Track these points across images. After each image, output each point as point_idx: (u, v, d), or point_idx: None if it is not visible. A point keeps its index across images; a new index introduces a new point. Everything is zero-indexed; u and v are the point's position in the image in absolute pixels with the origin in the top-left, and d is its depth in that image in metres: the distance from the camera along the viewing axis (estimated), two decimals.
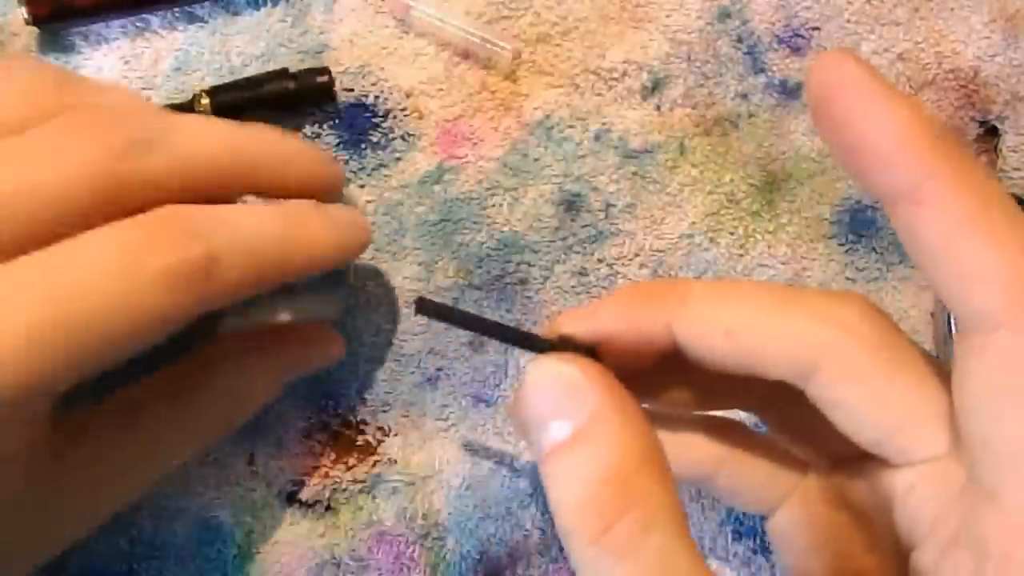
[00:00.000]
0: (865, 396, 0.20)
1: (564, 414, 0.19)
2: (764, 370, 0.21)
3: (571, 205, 0.32)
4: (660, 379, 0.24)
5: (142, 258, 0.20)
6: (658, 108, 0.32)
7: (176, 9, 0.31)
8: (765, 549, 0.31)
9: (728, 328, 0.21)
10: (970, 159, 0.18)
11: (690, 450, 0.25)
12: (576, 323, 0.22)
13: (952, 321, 0.31)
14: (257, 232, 0.22)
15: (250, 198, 0.24)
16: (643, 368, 0.22)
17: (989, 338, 0.17)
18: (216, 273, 0.21)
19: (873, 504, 0.22)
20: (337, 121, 0.32)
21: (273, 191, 0.25)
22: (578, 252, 0.32)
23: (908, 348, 0.20)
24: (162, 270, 0.20)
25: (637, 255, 0.32)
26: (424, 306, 0.22)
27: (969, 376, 0.18)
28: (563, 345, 0.22)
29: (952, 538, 0.18)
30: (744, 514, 0.31)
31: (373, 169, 0.31)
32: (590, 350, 0.22)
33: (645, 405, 0.25)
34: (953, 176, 0.18)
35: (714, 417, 0.25)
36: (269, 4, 0.32)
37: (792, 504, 0.24)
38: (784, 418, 0.25)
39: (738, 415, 0.26)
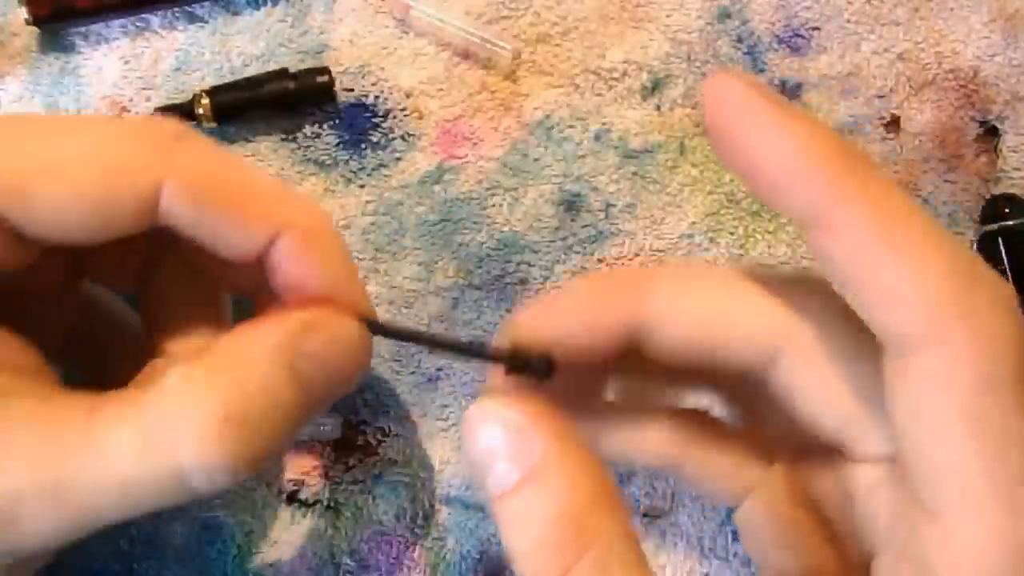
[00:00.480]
0: (824, 382, 0.20)
1: (510, 458, 0.19)
2: (727, 360, 0.21)
3: (571, 205, 0.32)
4: (617, 371, 0.24)
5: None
6: (658, 108, 0.32)
7: (176, 9, 0.31)
8: None
9: (690, 322, 0.21)
10: (874, 176, 0.18)
11: (655, 439, 0.24)
12: (531, 326, 0.22)
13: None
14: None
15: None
16: (600, 362, 0.22)
17: (912, 360, 0.17)
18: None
19: (836, 502, 0.22)
20: (337, 121, 0.32)
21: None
22: (578, 252, 0.32)
23: (871, 336, 0.20)
24: None
25: (637, 255, 0.32)
26: (373, 328, 0.23)
27: (897, 399, 0.18)
28: (516, 356, 0.21)
29: (901, 550, 0.18)
30: None
31: (373, 169, 0.31)
32: (544, 358, 0.21)
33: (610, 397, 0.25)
34: (856, 197, 0.17)
35: (679, 407, 0.25)
36: (269, 4, 0.32)
37: (757, 497, 0.24)
38: (745, 409, 0.25)
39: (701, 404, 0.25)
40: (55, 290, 0.25)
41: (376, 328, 0.23)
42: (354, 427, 0.31)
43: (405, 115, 0.32)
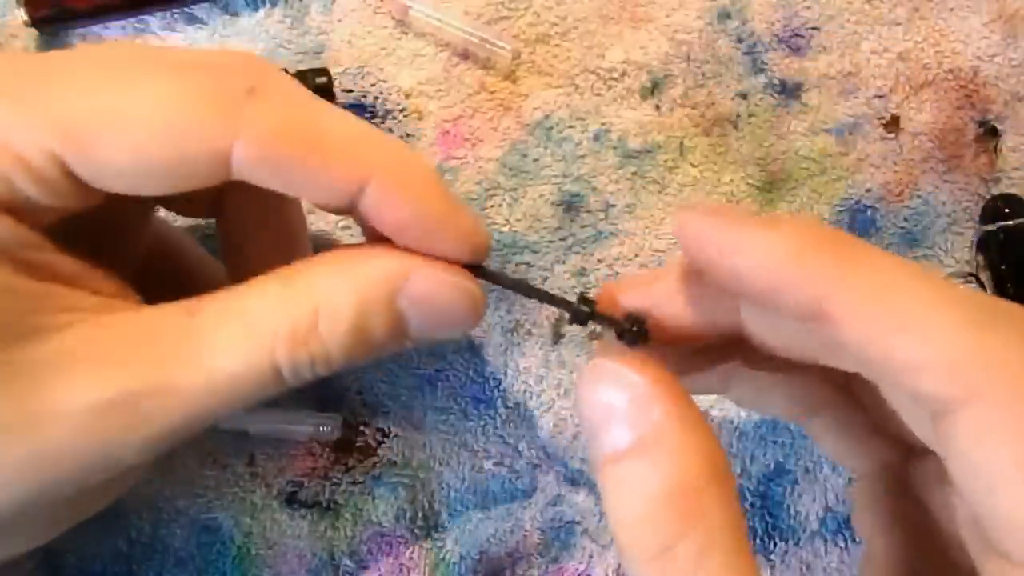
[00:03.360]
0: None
1: (627, 422, 0.19)
2: (854, 363, 0.20)
3: (571, 205, 0.32)
4: (710, 355, 0.24)
5: None
6: (658, 108, 0.32)
7: (175, 10, 0.31)
8: (765, 549, 0.31)
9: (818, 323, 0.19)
10: (861, 254, 0.17)
11: (790, 388, 0.24)
12: (633, 296, 0.21)
13: None
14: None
15: None
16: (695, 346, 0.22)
17: (954, 420, 0.17)
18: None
19: (946, 512, 0.21)
20: None
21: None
22: (578, 252, 0.32)
23: None
24: None
25: (637, 255, 0.32)
26: (479, 273, 0.23)
27: (952, 458, 0.17)
28: (613, 320, 0.21)
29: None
30: (746, 514, 0.31)
31: None
32: (640, 326, 0.21)
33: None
34: (850, 283, 0.17)
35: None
36: (268, 5, 0.32)
37: (873, 477, 0.23)
38: (844, 413, 0.24)
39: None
40: (123, 225, 0.25)
41: (483, 274, 0.23)
42: (354, 428, 0.31)
43: (404, 116, 0.32)
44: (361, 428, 0.31)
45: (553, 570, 0.31)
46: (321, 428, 0.30)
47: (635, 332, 0.21)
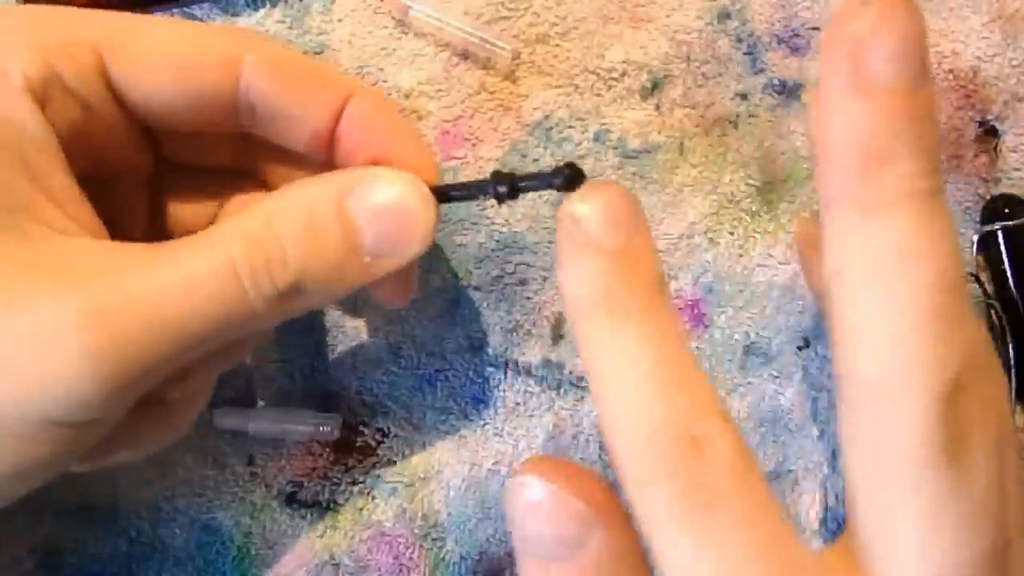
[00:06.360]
0: None
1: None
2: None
3: None
4: None
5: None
6: (658, 108, 0.32)
7: (175, 10, 0.31)
8: None
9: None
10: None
11: None
12: None
13: None
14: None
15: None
16: None
17: None
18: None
19: None
20: None
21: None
22: None
23: None
24: None
25: None
26: (438, 193, 0.24)
27: None
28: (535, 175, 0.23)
29: None
30: None
31: None
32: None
33: None
34: None
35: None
36: (268, 5, 0.32)
37: None
38: None
39: None
40: (134, 188, 0.26)
41: (442, 193, 0.24)
42: (353, 428, 0.31)
43: (404, 116, 0.32)
44: (361, 428, 0.31)
45: None
46: (321, 428, 0.30)
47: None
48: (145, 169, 0.26)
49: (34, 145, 0.21)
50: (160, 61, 0.23)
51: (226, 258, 0.20)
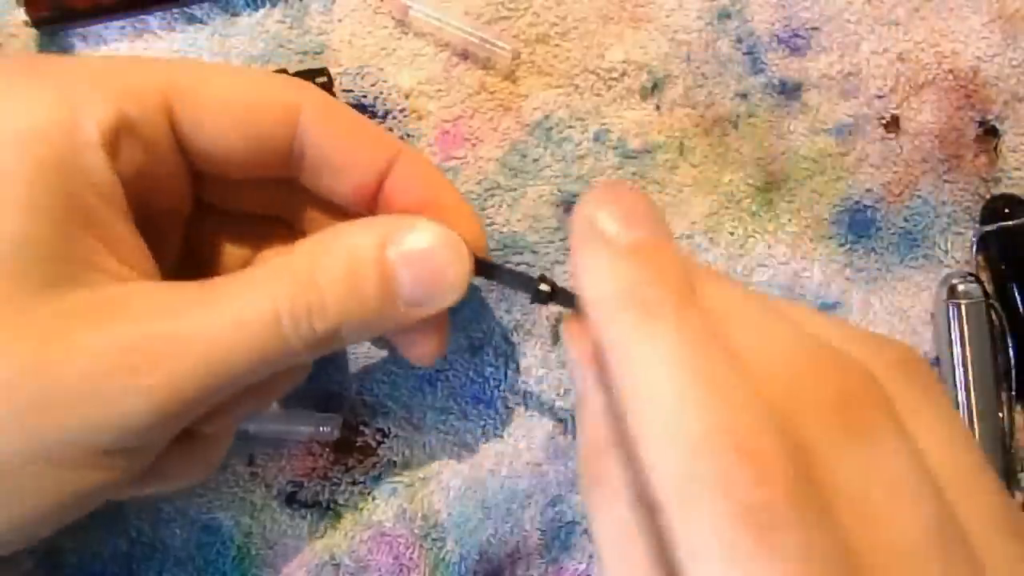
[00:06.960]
0: None
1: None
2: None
3: (570, 206, 0.32)
4: None
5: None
6: (658, 108, 0.32)
7: (175, 10, 0.31)
8: None
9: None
10: None
11: None
12: None
13: (953, 316, 0.31)
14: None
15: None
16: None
17: None
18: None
19: None
20: None
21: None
22: None
23: None
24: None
25: None
26: (478, 265, 0.24)
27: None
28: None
29: None
30: None
31: None
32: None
33: None
34: None
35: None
36: (268, 5, 0.32)
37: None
38: None
39: None
40: (172, 226, 0.26)
41: (483, 265, 0.24)
42: (354, 428, 0.31)
43: (404, 116, 0.32)
44: (361, 428, 0.31)
45: (553, 570, 0.31)
46: (321, 428, 0.30)
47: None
48: (185, 211, 0.26)
49: (101, 198, 0.22)
50: (225, 106, 0.23)
51: (271, 304, 0.22)
